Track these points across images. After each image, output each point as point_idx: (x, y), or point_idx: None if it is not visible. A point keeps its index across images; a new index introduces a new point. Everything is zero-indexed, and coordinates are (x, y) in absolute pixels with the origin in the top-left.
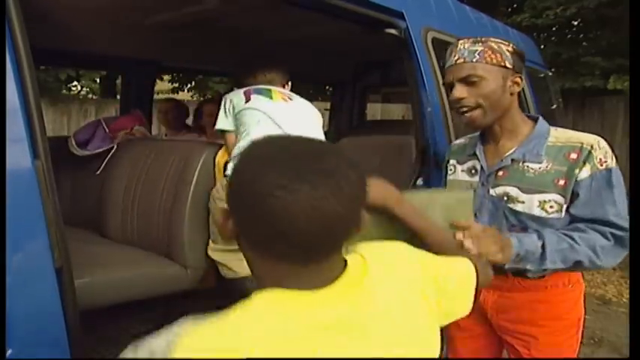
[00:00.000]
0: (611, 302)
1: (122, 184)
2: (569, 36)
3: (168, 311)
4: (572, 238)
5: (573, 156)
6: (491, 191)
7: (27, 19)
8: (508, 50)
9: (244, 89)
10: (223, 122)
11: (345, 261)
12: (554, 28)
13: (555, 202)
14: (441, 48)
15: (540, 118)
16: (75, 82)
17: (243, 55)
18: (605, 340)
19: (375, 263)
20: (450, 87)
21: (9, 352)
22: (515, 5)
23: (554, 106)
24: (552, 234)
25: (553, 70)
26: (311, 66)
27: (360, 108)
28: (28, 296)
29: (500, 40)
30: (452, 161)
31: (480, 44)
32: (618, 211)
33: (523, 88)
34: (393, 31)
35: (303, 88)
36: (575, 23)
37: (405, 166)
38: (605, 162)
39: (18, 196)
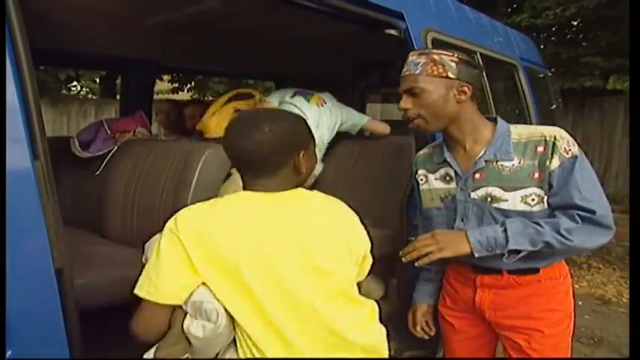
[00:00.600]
0: (610, 302)
1: (122, 185)
2: (568, 36)
3: None
4: (538, 224)
5: (540, 149)
6: (473, 194)
7: (26, 20)
8: (452, 60)
9: (297, 89)
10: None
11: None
12: (553, 29)
13: (536, 194)
14: (442, 48)
15: (498, 118)
16: (75, 82)
17: (243, 56)
18: (604, 340)
19: (326, 200)
20: (399, 97)
21: (9, 352)
22: (514, 5)
23: (554, 107)
24: (519, 221)
25: (553, 70)
26: (311, 67)
27: (360, 108)
28: (28, 297)
29: (444, 52)
30: (421, 172)
31: (424, 56)
32: (582, 194)
33: (522, 88)
34: (392, 31)
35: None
36: (575, 23)
37: (405, 166)
38: (570, 150)
39: (18, 197)
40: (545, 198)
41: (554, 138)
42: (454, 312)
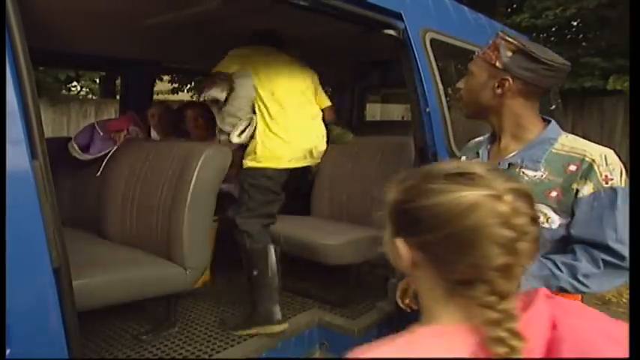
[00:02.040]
0: (610, 303)
1: (121, 185)
2: (568, 36)
3: (168, 312)
4: (556, 265)
5: (572, 168)
6: None
7: (25, 20)
8: (510, 49)
9: None
10: None
11: None
12: (553, 29)
13: (543, 213)
14: (440, 49)
15: (552, 122)
16: (74, 83)
17: None
18: None
19: None
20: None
21: (8, 351)
22: (514, 6)
23: (553, 107)
24: (537, 260)
25: None
26: (311, 67)
27: (359, 108)
28: (27, 296)
29: (510, 38)
30: (462, 158)
31: (495, 40)
32: (619, 236)
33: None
34: (391, 32)
35: None
36: (575, 24)
37: (405, 166)
38: (612, 180)
39: (16, 197)
40: (557, 218)
41: (593, 161)
42: None
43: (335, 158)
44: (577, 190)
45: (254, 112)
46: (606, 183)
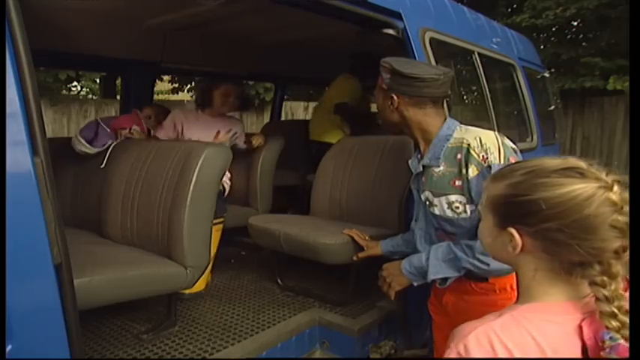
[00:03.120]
0: None
1: (122, 185)
2: (568, 36)
3: (168, 310)
4: (461, 248)
5: (459, 157)
6: (422, 196)
7: (27, 21)
8: (387, 71)
9: None
10: None
11: None
12: (553, 29)
13: (460, 202)
14: (439, 48)
15: (447, 120)
16: (75, 83)
17: (242, 56)
18: None
19: None
20: None
21: (9, 347)
22: (514, 6)
23: (553, 107)
24: (445, 247)
25: (553, 70)
26: (310, 67)
27: None
28: (28, 293)
29: (386, 62)
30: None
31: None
32: None
33: (521, 89)
34: (390, 31)
35: (303, 89)
36: (575, 24)
37: (404, 165)
38: (487, 158)
39: (18, 194)
40: (469, 207)
41: (469, 145)
42: (437, 309)
43: (335, 157)
44: (467, 175)
45: None
46: (484, 162)
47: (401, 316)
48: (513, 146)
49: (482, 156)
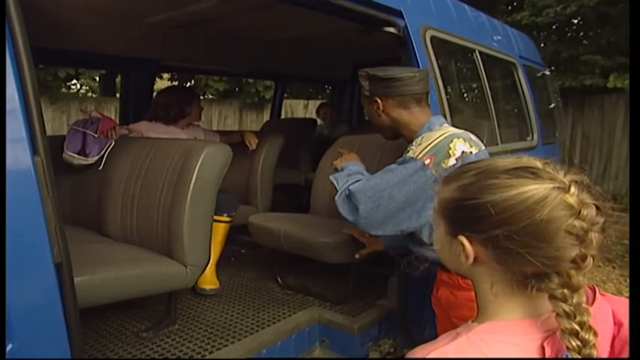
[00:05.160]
0: None
1: (122, 183)
2: (569, 34)
3: (168, 309)
4: (356, 181)
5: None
6: None
7: (27, 19)
8: (364, 78)
9: None
10: None
11: None
12: (554, 27)
13: None
14: (440, 46)
15: (432, 117)
16: (74, 81)
17: (243, 55)
18: None
19: None
20: None
21: (9, 347)
22: (515, 3)
23: (553, 105)
24: (363, 178)
25: (553, 68)
26: (311, 66)
27: (359, 107)
28: (28, 292)
29: (363, 71)
30: None
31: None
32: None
33: (521, 87)
34: (391, 29)
35: (304, 88)
36: (575, 21)
37: None
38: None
39: (18, 192)
40: None
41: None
42: (437, 301)
43: (335, 157)
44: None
45: None
46: (406, 154)
47: (400, 314)
48: (466, 150)
49: (414, 150)
